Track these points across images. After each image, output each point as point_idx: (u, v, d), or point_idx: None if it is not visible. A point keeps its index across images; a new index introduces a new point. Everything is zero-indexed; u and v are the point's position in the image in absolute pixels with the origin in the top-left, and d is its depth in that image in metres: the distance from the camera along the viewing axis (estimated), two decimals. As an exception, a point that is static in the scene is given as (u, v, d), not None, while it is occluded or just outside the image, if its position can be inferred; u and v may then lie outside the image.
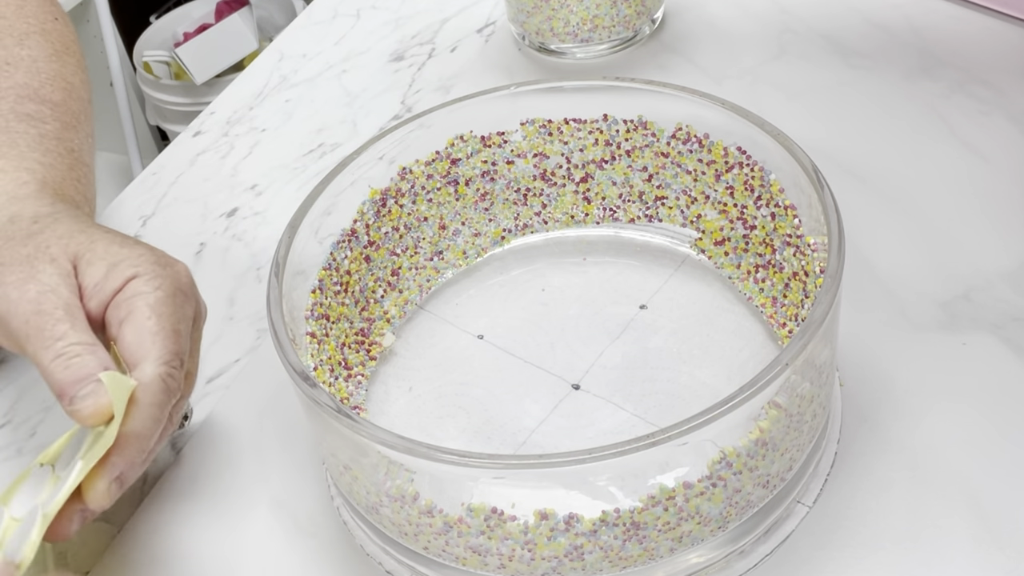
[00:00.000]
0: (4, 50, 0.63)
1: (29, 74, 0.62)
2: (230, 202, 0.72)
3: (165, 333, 0.48)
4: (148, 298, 0.48)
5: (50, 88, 0.62)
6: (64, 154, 0.59)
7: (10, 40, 0.64)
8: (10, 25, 0.65)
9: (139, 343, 0.47)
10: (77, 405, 0.46)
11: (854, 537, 0.48)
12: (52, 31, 0.66)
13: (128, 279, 0.49)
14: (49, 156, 0.58)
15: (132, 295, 0.48)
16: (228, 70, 1.67)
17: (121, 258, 0.49)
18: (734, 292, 0.58)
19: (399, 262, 0.60)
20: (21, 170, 0.56)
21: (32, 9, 0.67)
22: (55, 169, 0.57)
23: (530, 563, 0.45)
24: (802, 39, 0.74)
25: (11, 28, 0.65)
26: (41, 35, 0.65)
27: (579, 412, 0.54)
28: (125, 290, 0.49)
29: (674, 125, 0.57)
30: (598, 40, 0.75)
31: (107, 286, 0.49)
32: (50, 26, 0.67)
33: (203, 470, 0.56)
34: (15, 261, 0.49)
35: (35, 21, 0.66)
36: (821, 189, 0.50)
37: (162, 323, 0.48)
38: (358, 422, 0.45)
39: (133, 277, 0.49)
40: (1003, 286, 0.57)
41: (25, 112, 0.60)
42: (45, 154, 0.58)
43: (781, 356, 0.43)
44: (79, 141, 0.62)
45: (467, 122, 0.59)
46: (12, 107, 0.60)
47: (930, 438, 0.51)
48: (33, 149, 0.58)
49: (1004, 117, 0.66)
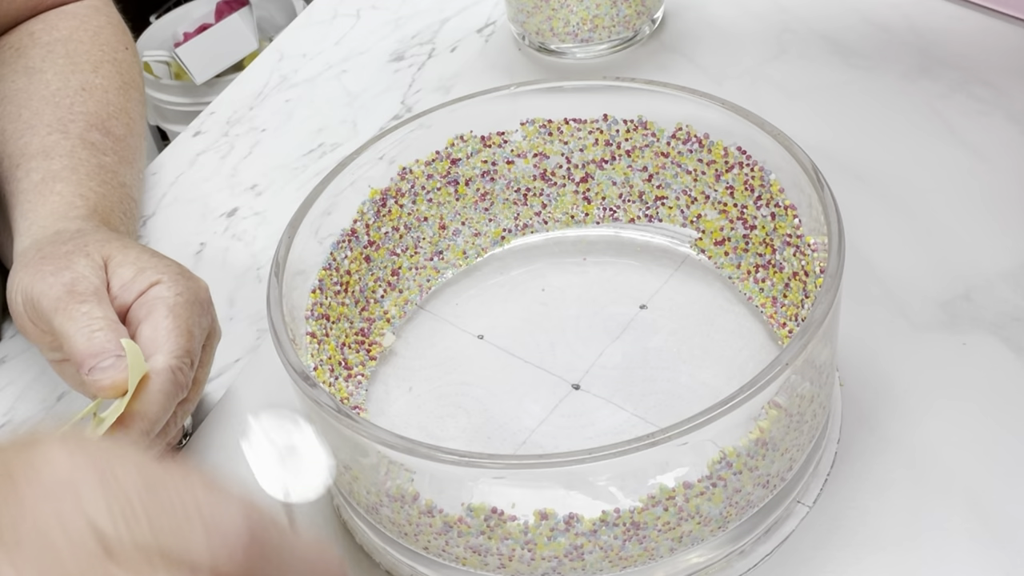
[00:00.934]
0: (81, 75, 0.67)
1: (100, 104, 0.66)
2: (230, 202, 0.72)
3: (180, 331, 0.51)
4: (168, 300, 0.52)
5: (115, 121, 0.66)
6: (117, 187, 0.63)
7: (87, 66, 0.67)
8: (87, 51, 0.68)
9: (155, 338, 0.50)
10: (96, 376, 0.49)
11: (854, 537, 0.48)
12: (123, 61, 0.70)
13: (153, 283, 0.52)
14: (104, 187, 0.62)
15: (154, 297, 0.52)
16: (228, 70, 1.67)
17: (150, 265, 0.53)
18: (734, 292, 0.58)
19: (399, 262, 0.60)
20: (76, 196, 0.60)
21: (107, 37, 0.70)
22: (107, 199, 0.61)
23: (530, 563, 0.45)
24: (802, 39, 0.74)
25: (88, 54, 0.68)
26: (113, 64, 0.69)
27: (579, 412, 0.54)
28: (148, 293, 0.52)
29: (674, 125, 0.57)
30: (598, 40, 0.75)
31: (133, 287, 0.52)
32: (121, 56, 0.70)
33: (203, 470, 0.56)
34: (55, 256, 0.53)
35: (109, 49, 0.70)
36: (821, 189, 0.50)
37: (178, 323, 0.51)
38: (358, 422, 0.45)
39: (157, 282, 0.52)
40: (1003, 286, 0.57)
41: (91, 141, 0.63)
42: (101, 184, 0.62)
43: (781, 356, 0.43)
44: (132, 177, 0.65)
45: (467, 122, 0.59)
46: (81, 134, 0.63)
47: (930, 438, 0.51)
48: (91, 178, 0.61)
49: (1004, 117, 0.66)
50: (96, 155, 0.63)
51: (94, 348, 0.49)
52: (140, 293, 0.52)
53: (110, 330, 0.50)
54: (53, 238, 0.56)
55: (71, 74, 0.67)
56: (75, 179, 0.61)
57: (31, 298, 0.52)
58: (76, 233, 0.56)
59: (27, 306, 0.52)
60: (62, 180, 0.60)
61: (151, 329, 0.51)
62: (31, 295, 0.52)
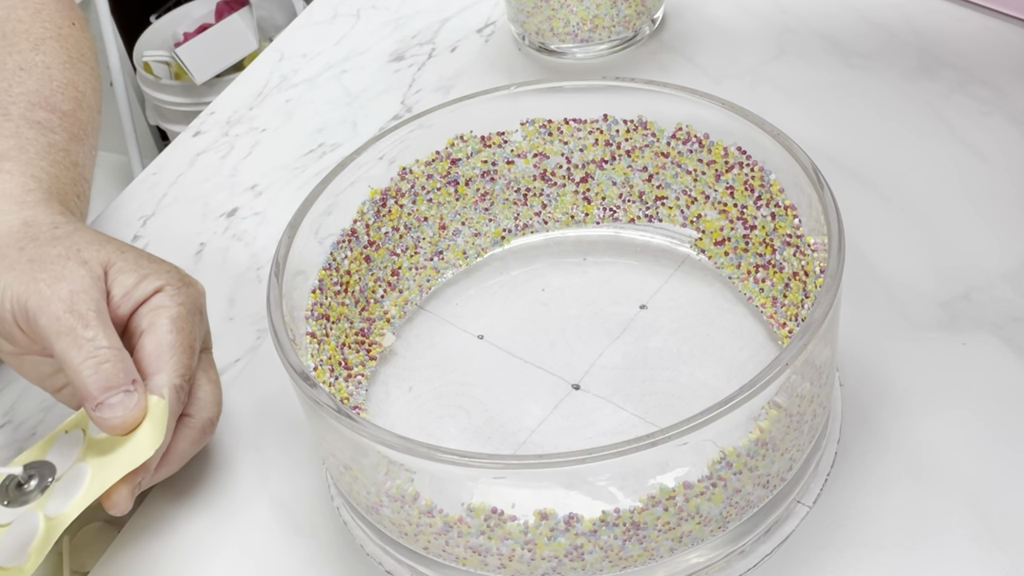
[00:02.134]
0: (19, 55, 0.64)
1: (42, 81, 0.63)
2: (230, 202, 0.72)
3: (182, 348, 0.50)
4: (171, 311, 0.51)
5: (61, 96, 0.63)
6: (69, 167, 0.60)
7: (26, 45, 0.64)
8: (27, 29, 0.65)
9: (158, 354, 0.50)
10: (105, 413, 0.48)
11: (854, 537, 0.48)
12: (68, 36, 0.67)
13: (155, 290, 0.51)
14: (56, 167, 0.59)
15: (156, 307, 0.51)
16: (228, 70, 1.67)
17: (150, 271, 0.52)
18: (734, 292, 0.58)
19: (399, 262, 0.60)
20: (28, 176, 0.57)
21: (50, 13, 0.67)
22: (60, 180, 0.59)
23: (530, 563, 0.45)
24: (802, 39, 0.74)
25: (28, 32, 0.65)
26: (57, 40, 0.66)
27: (579, 412, 0.54)
28: (150, 301, 0.51)
29: (674, 125, 0.57)
30: (598, 40, 0.75)
31: (136, 295, 0.51)
32: (67, 31, 0.67)
33: (203, 470, 0.56)
34: (47, 259, 0.51)
35: (52, 26, 0.66)
36: (821, 189, 0.50)
37: (180, 338, 0.50)
38: (358, 422, 0.45)
39: (159, 290, 0.51)
40: (1003, 286, 0.57)
41: (36, 119, 0.61)
42: (52, 164, 0.59)
43: (781, 356, 0.43)
44: (83, 155, 0.63)
45: (467, 122, 0.59)
46: (23, 113, 0.60)
47: (930, 438, 0.51)
48: (41, 157, 0.59)
49: (1004, 117, 0.66)
50: (44, 133, 0.60)
51: (102, 382, 0.48)
52: (142, 301, 0.51)
53: (119, 361, 0.48)
54: (29, 231, 0.53)
55: (8, 55, 0.64)
56: (24, 159, 0.58)
57: (25, 309, 0.50)
58: (56, 231, 0.53)
59: (17, 314, 0.50)
60: (10, 159, 0.57)
61: (154, 344, 0.50)
62: (25, 306, 0.50)
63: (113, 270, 0.52)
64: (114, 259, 0.52)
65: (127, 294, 0.51)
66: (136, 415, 0.48)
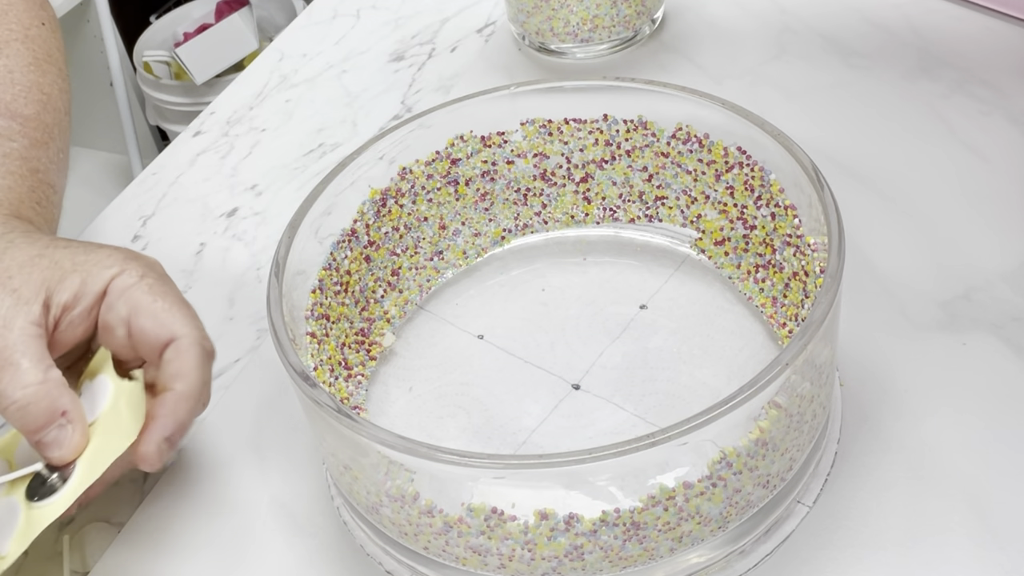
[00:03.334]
0: None
1: (2, 87, 0.61)
2: (230, 202, 0.72)
3: (179, 306, 0.49)
4: (142, 286, 0.49)
5: (23, 101, 0.62)
6: (27, 175, 0.58)
7: None
8: None
9: (160, 323, 0.48)
10: (44, 451, 0.47)
11: (854, 537, 0.48)
12: (36, 38, 0.65)
13: (110, 279, 0.49)
14: (9, 178, 0.57)
15: (123, 289, 0.49)
16: (228, 70, 1.67)
17: (92, 263, 0.50)
18: (734, 292, 0.58)
19: (399, 262, 0.60)
20: None
21: (16, 15, 0.65)
22: (13, 192, 0.57)
23: (530, 563, 0.45)
24: (802, 39, 0.74)
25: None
26: (23, 43, 0.64)
27: (579, 412, 0.54)
28: (111, 290, 0.49)
29: (674, 125, 0.57)
30: (598, 40, 0.75)
31: (89, 291, 0.49)
32: (34, 32, 0.65)
33: (203, 470, 0.56)
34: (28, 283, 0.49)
35: (18, 27, 0.65)
36: (821, 189, 0.50)
37: (171, 300, 0.49)
38: (358, 422, 0.45)
39: (114, 276, 0.49)
40: (1003, 286, 0.57)
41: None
42: (8, 174, 0.57)
43: (781, 356, 0.43)
44: (46, 160, 0.61)
45: (467, 122, 0.59)
46: None
47: (930, 438, 0.51)
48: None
49: (1004, 117, 0.66)
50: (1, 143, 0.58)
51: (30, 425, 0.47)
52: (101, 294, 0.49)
53: (42, 398, 0.47)
54: None
55: None
56: None
57: None
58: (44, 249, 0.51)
59: None
60: None
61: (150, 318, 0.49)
62: None
63: (52, 282, 0.50)
64: (49, 275, 0.50)
65: (77, 295, 0.49)
66: (76, 443, 0.47)
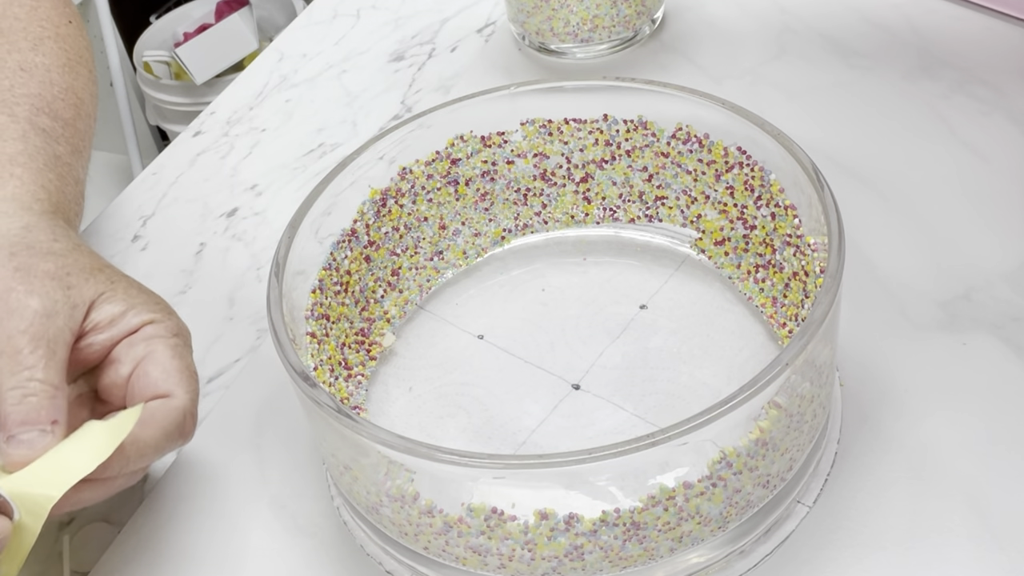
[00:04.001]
0: (19, 54, 0.61)
1: (43, 85, 0.61)
2: (230, 202, 0.72)
3: (190, 375, 0.50)
4: (168, 342, 0.50)
5: (62, 103, 0.61)
6: (72, 183, 0.59)
7: (25, 44, 0.62)
8: (24, 27, 0.63)
9: (167, 376, 0.49)
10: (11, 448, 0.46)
11: (854, 537, 0.48)
12: (66, 36, 0.65)
13: (146, 322, 0.51)
14: (61, 181, 0.58)
15: (150, 336, 0.50)
16: (228, 70, 1.67)
17: (139, 302, 0.51)
18: (734, 292, 0.58)
19: (399, 262, 0.60)
20: (38, 186, 0.56)
21: (46, 11, 0.65)
22: (65, 196, 0.58)
23: (530, 563, 0.45)
24: (802, 39, 0.74)
25: (25, 31, 0.63)
26: (55, 40, 0.64)
27: (579, 412, 0.54)
28: (142, 331, 0.51)
29: (674, 125, 0.57)
30: (598, 40, 0.75)
31: (124, 324, 0.50)
32: (64, 30, 0.65)
33: (203, 470, 0.56)
34: (32, 272, 0.49)
35: (49, 24, 0.64)
36: (821, 189, 0.50)
37: (185, 364, 0.50)
38: (358, 422, 0.45)
39: (150, 322, 0.51)
40: (1003, 286, 0.57)
41: (41, 126, 0.59)
42: (59, 178, 0.58)
43: (781, 356, 0.43)
44: (82, 171, 0.61)
45: (467, 122, 0.59)
46: (29, 117, 0.59)
47: (930, 438, 0.51)
48: (49, 169, 0.57)
49: (1004, 117, 0.66)
50: (49, 143, 0.58)
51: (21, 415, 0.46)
52: (131, 331, 0.50)
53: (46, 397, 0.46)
54: (24, 238, 0.51)
55: (7, 54, 0.61)
56: (33, 167, 0.56)
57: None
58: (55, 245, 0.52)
59: None
60: (19, 165, 0.56)
61: (160, 370, 0.49)
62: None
63: (101, 299, 0.50)
64: (103, 289, 0.51)
65: (114, 321, 0.50)
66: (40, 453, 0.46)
